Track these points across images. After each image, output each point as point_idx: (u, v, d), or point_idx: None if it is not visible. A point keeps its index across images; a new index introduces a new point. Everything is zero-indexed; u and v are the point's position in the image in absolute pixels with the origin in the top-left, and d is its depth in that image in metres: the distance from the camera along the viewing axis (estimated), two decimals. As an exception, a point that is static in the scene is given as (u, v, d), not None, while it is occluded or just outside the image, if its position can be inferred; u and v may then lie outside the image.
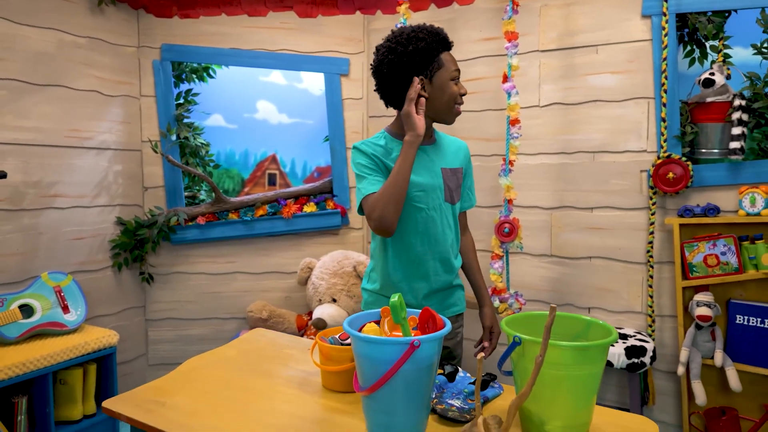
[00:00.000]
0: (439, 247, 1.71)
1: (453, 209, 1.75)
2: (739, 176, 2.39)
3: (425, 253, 1.70)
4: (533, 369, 1.07)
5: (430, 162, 1.71)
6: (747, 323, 2.33)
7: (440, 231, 1.71)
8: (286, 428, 1.26)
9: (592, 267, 2.72)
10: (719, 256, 2.36)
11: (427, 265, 1.71)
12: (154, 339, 3.29)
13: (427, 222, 1.68)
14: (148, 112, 3.21)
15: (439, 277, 1.73)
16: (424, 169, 1.69)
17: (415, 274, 1.71)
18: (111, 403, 1.38)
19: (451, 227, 1.74)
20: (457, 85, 1.66)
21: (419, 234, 1.68)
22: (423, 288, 1.72)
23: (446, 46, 1.66)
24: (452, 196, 1.74)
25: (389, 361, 1.16)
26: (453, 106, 1.67)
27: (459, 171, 1.77)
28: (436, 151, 1.74)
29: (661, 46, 2.49)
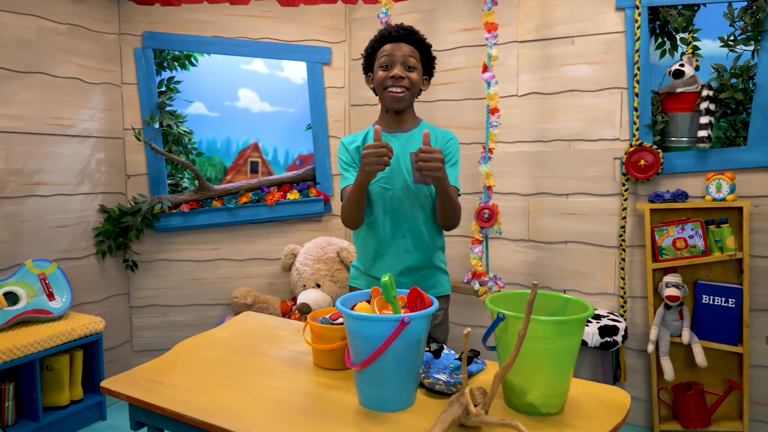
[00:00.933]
0: (409, 224, 1.81)
1: (427, 190, 1.81)
2: (706, 163, 2.51)
3: (394, 230, 1.81)
4: (516, 341, 1.15)
5: (401, 148, 1.81)
6: (712, 303, 2.46)
7: (409, 210, 1.80)
8: (282, 403, 1.33)
9: (568, 251, 2.83)
10: (687, 240, 2.48)
11: (397, 243, 1.82)
12: (139, 326, 3.32)
13: (394, 201, 1.80)
14: (130, 100, 3.20)
15: (411, 255, 1.82)
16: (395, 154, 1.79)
17: (385, 252, 1.83)
18: (109, 383, 1.43)
19: (424, 207, 1.81)
20: (385, 71, 1.76)
21: (388, 213, 1.81)
22: (395, 265, 1.82)
23: (387, 39, 1.78)
24: (424, 178, 1.78)
25: (381, 337, 1.24)
26: (384, 91, 1.78)
27: None
28: (407, 139, 1.82)
29: (634, 38, 2.59)
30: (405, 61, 1.76)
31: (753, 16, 2.38)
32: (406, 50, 1.76)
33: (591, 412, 1.28)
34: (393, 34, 1.78)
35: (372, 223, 1.84)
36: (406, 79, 1.76)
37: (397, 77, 1.75)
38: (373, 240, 1.85)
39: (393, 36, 1.78)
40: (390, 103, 1.79)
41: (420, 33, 1.82)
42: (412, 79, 1.77)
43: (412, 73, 1.77)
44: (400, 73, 1.75)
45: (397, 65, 1.76)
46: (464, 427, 1.20)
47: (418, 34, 1.81)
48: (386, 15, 2.85)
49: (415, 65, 1.78)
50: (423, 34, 1.84)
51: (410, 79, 1.77)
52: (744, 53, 2.47)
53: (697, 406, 2.48)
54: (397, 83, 1.76)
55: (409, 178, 1.79)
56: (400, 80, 1.75)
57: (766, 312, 2.45)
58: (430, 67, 1.85)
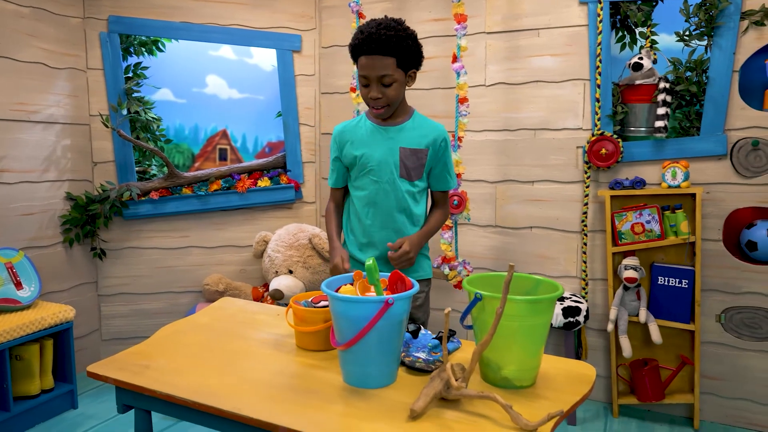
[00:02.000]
0: (391, 218, 1.88)
1: (412, 186, 1.89)
2: (663, 152, 2.65)
3: (380, 219, 1.89)
4: (494, 319, 1.23)
5: (390, 140, 1.87)
6: (667, 284, 2.61)
7: (393, 204, 1.87)
8: (268, 383, 1.38)
9: (533, 236, 2.95)
10: (644, 225, 2.62)
11: (380, 234, 1.90)
12: (107, 314, 3.29)
13: (380, 194, 1.87)
14: (96, 86, 3.15)
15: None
16: (382, 146, 1.87)
17: (371, 239, 1.91)
18: (96, 368, 1.45)
19: (407, 202, 1.89)
20: (366, 88, 1.78)
21: (372, 205, 1.89)
22: (373, 252, 1.90)
23: (362, 51, 1.74)
24: (409, 173, 1.87)
25: (365, 318, 1.30)
26: (368, 103, 1.82)
27: (421, 152, 1.87)
28: (399, 132, 1.87)
29: (596, 31, 2.70)
30: (381, 79, 1.75)
31: (707, 12, 2.51)
32: (380, 66, 1.73)
33: (560, 385, 1.37)
34: (365, 48, 1.73)
35: (359, 212, 1.92)
36: (384, 98, 1.77)
37: (375, 98, 1.77)
38: (359, 228, 1.94)
39: (364, 50, 1.74)
40: (375, 115, 1.86)
41: (396, 29, 1.74)
42: (390, 95, 1.77)
43: (388, 88, 1.77)
44: (377, 93, 1.76)
45: (373, 84, 1.76)
46: (445, 400, 1.28)
47: (394, 38, 1.72)
48: (357, 4, 2.88)
49: (392, 80, 1.76)
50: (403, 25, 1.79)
51: (387, 96, 1.77)
52: (698, 48, 2.61)
53: (653, 381, 2.64)
54: (377, 103, 1.79)
55: (396, 172, 1.86)
56: (378, 100, 1.78)
57: (715, 292, 2.62)
58: (414, 62, 1.82)
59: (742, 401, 2.62)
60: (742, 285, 2.58)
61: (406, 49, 1.76)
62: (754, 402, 2.60)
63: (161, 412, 1.41)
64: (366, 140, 1.90)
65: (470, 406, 1.26)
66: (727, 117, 2.55)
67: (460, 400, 1.28)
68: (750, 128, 2.52)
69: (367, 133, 1.91)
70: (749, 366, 2.60)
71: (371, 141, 1.89)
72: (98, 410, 2.78)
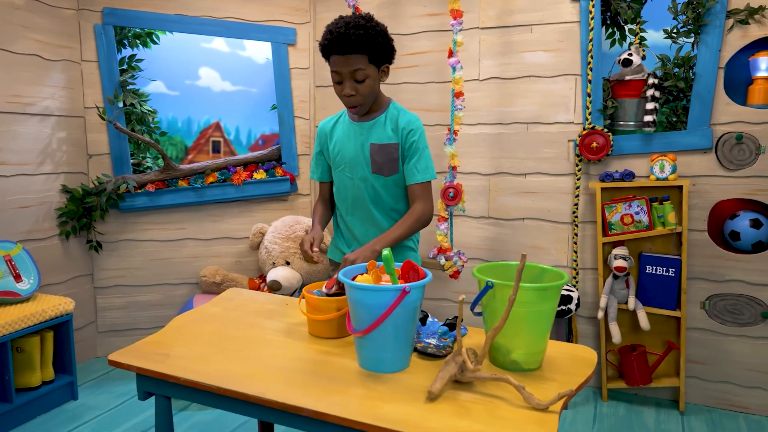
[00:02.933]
0: (368, 213, 1.93)
1: (386, 181, 1.90)
2: (651, 146, 2.75)
3: (360, 215, 1.95)
4: (507, 305, 1.30)
5: (361, 137, 1.89)
6: (655, 272, 2.72)
7: (369, 199, 1.92)
8: (287, 369, 1.43)
9: (525, 227, 3.03)
10: (633, 216, 2.72)
11: (360, 229, 1.96)
12: (104, 306, 3.30)
13: (354, 190, 1.92)
14: (91, 78, 3.14)
15: (374, 235, 1.89)
16: (352, 143, 1.91)
17: (354, 233, 1.98)
18: (118, 356, 1.49)
19: (381, 196, 1.91)
20: (339, 86, 1.78)
21: (348, 201, 1.95)
22: (361, 243, 1.94)
23: (333, 50, 1.73)
24: (381, 169, 1.88)
25: (383, 305, 1.36)
26: (344, 102, 1.83)
27: (391, 146, 1.87)
28: (370, 128, 1.89)
29: (588, 28, 2.78)
30: (353, 75, 1.75)
31: (694, 11, 2.60)
32: (352, 62, 1.73)
33: (565, 367, 1.45)
34: (335, 48, 1.73)
35: (340, 209, 2.00)
36: (357, 95, 1.78)
37: (347, 95, 1.78)
38: (342, 224, 2.02)
39: (335, 48, 1.73)
40: (350, 112, 1.90)
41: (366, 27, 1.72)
42: (362, 91, 1.78)
43: (361, 84, 1.77)
44: (350, 91, 1.77)
45: (346, 81, 1.76)
46: (458, 382, 1.35)
47: (363, 38, 1.71)
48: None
49: (365, 73, 1.76)
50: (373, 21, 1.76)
51: (359, 92, 1.78)
52: (685, 45, 2.71)
53: (640, 366, 2.75)
54: (350, 101, 1.80)
55: (368, 168, 1.89)
56: (351, 97, 1.79)
57: (700, 280, 2.73)
58: (386, 57, 1.81)
59: (725, 384, 2.75)
60: (726, 273, 2.70)
61: (377, 45, 1.76)
62: (736, 385, 2.73)
63: (183, 398, 1.46)
64: (342, 136, 1.93)
65: (483, 388, 1.33)
66: (713, 112, 2.65)
67: (473, 382, 1.35)
68: (734, 123, 2.63)
69: (344, 129, 1.94)
70: (731, 350, 2.72)
71: (346, 137, 1.92)
72: (98, 401, 2.81)
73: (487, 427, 1.17)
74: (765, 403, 2.69)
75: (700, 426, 2.62)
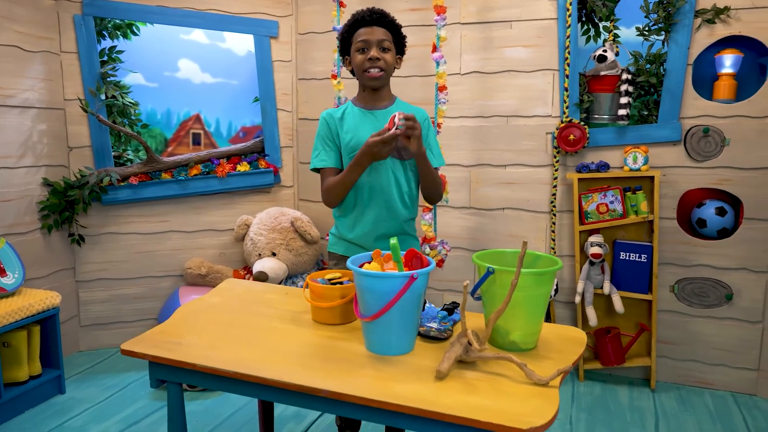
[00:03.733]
0: (384, 195, 1.98)
1: (402, 165, 2.00)
2: (624, 138, 2.89)
3: (370, 199, 1.99)
4: (509, 290, 1.40)
5: (378, 123, 1.97)
6: (628, 258, 2.87)
7: (385, 182, 1.98)
8: (298, 354, 1.50)
9: (505, 216, 3.15)
10: (608, 205, 2.86)
11: (373, 211, 2.00)
12: (86, 300, 3.28)
13: (371, 173, 1.96)
14: (70, 69, 3.11)
15: (385, 223, 1.99)
16: (370, 129, 1.96)
17: (362, 220, 2.01)
18: (130, 345, 1.53)
19: (398, 179, 1.99)
20: (362, 54, 1.91)
21: (366, 184, 1.98)
22: (371, 232, 2.00)
23: (361, 23, 1.91)
24: (400, 153, 1.97)
25: (391, 292, 1.43)
26: (362, 73, 1.93)
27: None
28: (386, 115, 1.97)
29: (565, 24, 2.89)
30: (380, 44, 1.90)
31: (665, 10, 2.74)
32: (379, 33, 1.90)
33: (559, 346, 1.56)
34: (366, 18, 1.91)
35: (351, 194, 2.00)
36: (382, 60, 1.90)
37: (373, 59, 1.90)
38: (351, 209, 2.02)
39: (366, 20, 1.91)
40: (368, 82, 1.95)
41: (391, 15, 1.96)
42: (387, 60, 1.92)
43: (386, 54, 1.92)
44: (376, 54, 1.89)
45: (372, 48, 1.90)
46: (462, 362, 1.44)
47: (390, 17, 1.94)
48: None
49: (389, 47, 1.92)
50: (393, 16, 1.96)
51: (385, 60, 1.91)
52: (656, 42, 2.85)
53: (615, 347, 2.90)
54: (374, 64, 1.91)
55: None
56: (377, 61, 1.90)
57: (670, 265, 2.90)
58: (401, 47, 2.00)
59: (693, 362, 2.93)
60: (693, 258, 2.87)
61: (398, 30, 1.97)
62: (703, 363, 2.91)
63: (196, 384, 1.51)
64: (355, 124, 1.99)
65: (485, 367, 1.42)
66: (682, 106, 2.80)
67: (476, 361, 1.44)
68: (701, 117, 2.78)
69: (355, 117, 2.00)
70: (698, 331, 2.90)
71: (360, 125, 1.98)
72: (86, 394, 2.81)
73: (495, 402, 1.26)
74: (728, 379, 2.88)
75: (670, 402, 2.79)
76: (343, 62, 2.03)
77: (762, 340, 2.81)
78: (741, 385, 2.86)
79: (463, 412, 1.21)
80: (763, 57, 2.77)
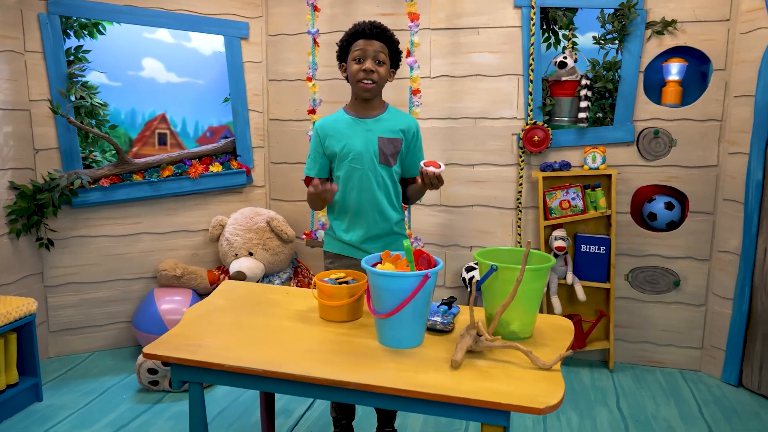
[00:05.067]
0: (376, 201, 2.12)
1: (390, 171, 2.13)
2: (584, 139, 3.11)
3: (363, 204, 2.12)
4: (514, 285, 1.54)
5: (369, 132, 2.10)
6: (588, 250, 3.10)
7: (376, 187, 2.11)
8: (317, 350, 1.59)
9: (474, 213, 3.32)
10: (570, 201, 3.08)
11: (366, 215, 2.13)
12: (55, 305, 3.21)
13: (363, 179, 2.09)
14: (36, 70, 3.03)
15: (378, 225, 2.14)
16: (361, 137, 2.10)
17: (356, 222, 2.14)
18: (152, 348, 1.57)
19: (387, 185, 2.13)
20: (358, 64, 2.03)
21: (356, 189, 2.11)
22: (365, 233, 2.13)
23: (361, 35, 2.02)
24: (388, 160, 2.11)
25: (406, 290, 1.55)
26: (356, 82, 2.05)
27: (396, 140, 2.12)
28: (377, 123, 2.11)
29: (529, 32, 3.08)
30: (376, 56, 2.02)
31: (619, 21, 2.97)
32: (377, 46, 2.02)
33: (552, 334, 1.72)
34: (366, 31, 2.02)
35: (343, 197, 2.12)
36: (376, 73, 2.02)
37: (368, 70, 2.01)
38: (344, 212, 2.15)
39: (366, 33, 2.02)
40: (361, 93, 2.06)
41: (390, 31, 2.07)
42: (381, 72, 2.04)
43: (381, 67, 2.04)
44: (371, 66, 2.01)
45: (368, 59, 2.01)
46: (471, 352, 1.57)
47: (388, 32, 2.06)
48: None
49: (384, 60, 2.04)
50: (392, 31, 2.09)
51: (379, 72, 2.03)
52: (611, 51, 3.08)
53: (577, 333, 3.14)
54: (369, 76, 2.02)
55: (376, 159, 2.08)
56: (371, 73, 2.01)
57: (626, 255, 3.16)
58: (396, 61, 2.13)
59: (645, 344, 3.21)
60: (645, 249, 3.14)
61: (395, 46, 2.10)
62: (654, 344, 3.20)
63: (219, 383, 1.58)
64: (346, 132, 2.11)
65: (492, 355, 1.57)
66: (635, 110, 3.05)
67: (483, 351, 1.58)
68: (652, 119, 3.05)
69: (347, 125, 2.12)
70: (650, 315, 3.18)
71: (351, 132, 2.10)
72: (65, 401, 2.77)
73: (508, 386, 1.40)
74: (676, 358, 3.18)
75: (627, 381, 3.05)
76: (339, 67, 2.13)
77: (705, 321, 3.11)
78: (687, 363, 3.17)
79: (484, 396, 1.35)
80: (704, 66, 3.06)
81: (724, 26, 2.90)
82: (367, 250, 2.13)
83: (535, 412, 1.31)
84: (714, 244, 3.05)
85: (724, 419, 2.66)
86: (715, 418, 2.67)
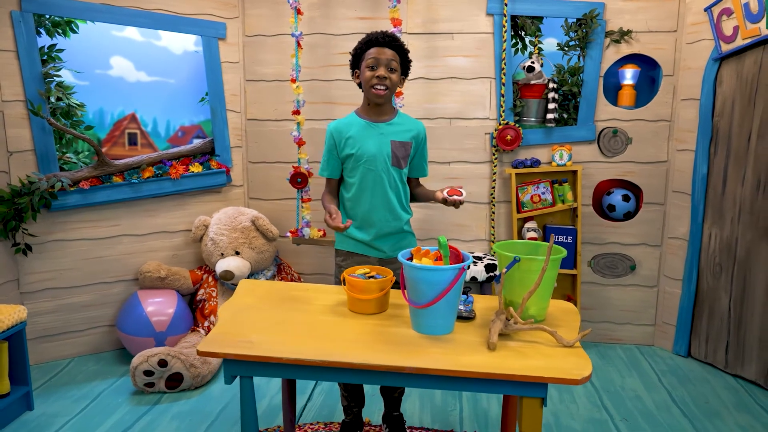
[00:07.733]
0: (386, 199, 2.26)
1: (400, 173, 2.27)
2: (551, 138, 3.38)
3: (375, 204, 2.25)
4: (540, 274, 1.74)
5: (381, 136, 2.24)
6: (558, 240, 3.37)
7: (388, 188, 2.26)
8: (358, 340, 1.71)
9: (450, 208, 3.51)
10: (540, 195, 3.34)
11: (378, 214, 2.26)
12: (32, 312, 3.12)
13: (376, 180, 2.23)
14: (8, 69, 2.92)
15: (389, 224, 2.28)
16: (375, 141, 2.24)
17: (368, 221, 2.27)
18: (206, 346, 1.64)
19: (398, 186, 2.28)
20: (372, 71, 2.16)
21: (370, 189, 2.24)
22: (373, 231, 2.27)
23: (373, 43, 2.15)
24: (399, 162, 2.26)
25: (443, 282, 1.71)
26: (369, 88, 2.19)
27: (407, 144, 2.27)
28: (389, 128, 2.25)
29: (501, 38, 3.30)
30: (388, 64, 2.15)
31: (582, 30, 3.25)
32: (389, 54, 2.15)
33: (563, 316, 1.94)
34: (379, 39, 2.15)
35: (356, 197, 2.25)
36: (388, 80, 2.16)
37: (381, 77, 2.14)
38: (357, 211, 2.27)
39: (379, 41, 2.15)
40: (373, 98, 2.19)
41: (401, 40, 2.21)
42: (393, 79, 2.17)
43: (393, 74, 2.17)
44: (384, 73, 2.14)
45: (381, 67, 2.14)
46: (501, 335, 1.76)
47: (400, 41, 2.20)
48: (296, 1, 3.10)
49: (396, 67, 2.18)
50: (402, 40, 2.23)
51: (391, 79, 2.16)
52: (573, 57, 3.36)
53: (547, 316, 3.41)
54: (382, 82, 2.15)
55: (388, 161, 2.23)
56: (384, 80, 2.15)
57: (590, 244, 3.46)
58: (407, 69, 2.26)
59: (606, 323, 3.53)
60: (605, 237, 3.45)
61: (406, 55, 2.24)
62: (614, 323, 3.53)
63: (271, 375, 1.67)
64: (359, 136, 2.23)
65: (519, 337, 1.75)
66: (596, 111, 3.35)
67: (511, 333, 1.77)
68: (610, 120, 3.35)
69: (360, 129, 2.25)
70: (609, 297, 3.50)
71: (364, 136, 2.23)
72: (57, 409, 2.73)
73: (544, 362, 1.59)
74: (633, 334, 3.52)
75: (593, 357, 3.35)
76: (352, 75, 2.24)
77: (657, 300, 3.48)
78: (643, 338, 3.52)
79: (527, 372, 1.53)
80: (654, 71, 3.40)
81: (672, 36, 3.24)
82: (378, 247, 2.27)
83: (573, 382, 1.51)
84: (665, 231, 3.41)
85: (680, 386, 3.01)
86: (673, 385, 3.02)
